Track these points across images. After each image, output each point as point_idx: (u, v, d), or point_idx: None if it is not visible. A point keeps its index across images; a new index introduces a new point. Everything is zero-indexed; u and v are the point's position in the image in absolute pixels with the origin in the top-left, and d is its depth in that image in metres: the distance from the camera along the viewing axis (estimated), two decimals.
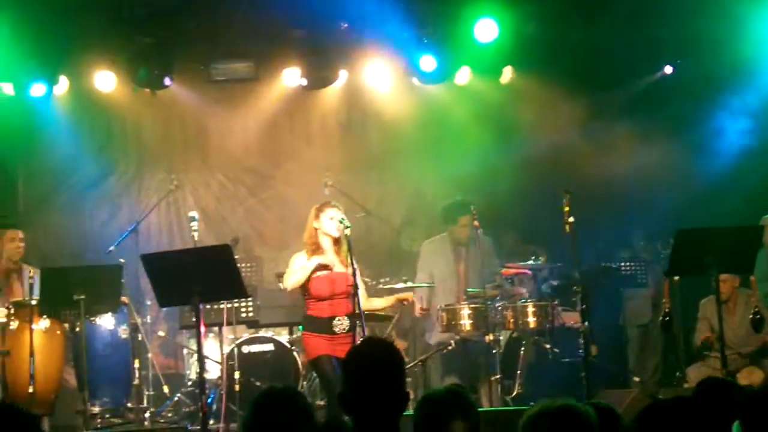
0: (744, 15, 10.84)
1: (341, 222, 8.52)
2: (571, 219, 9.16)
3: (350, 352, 4.42)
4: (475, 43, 11.16)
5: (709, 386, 4.81)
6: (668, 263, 8.83)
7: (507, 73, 11.78)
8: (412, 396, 5.27)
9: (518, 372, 10.07)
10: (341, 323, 8.51)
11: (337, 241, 8.68)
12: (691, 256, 8.47)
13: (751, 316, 9.06)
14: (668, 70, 12.00)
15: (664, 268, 9.45)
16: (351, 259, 8.38)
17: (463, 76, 11.85)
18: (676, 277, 9.87)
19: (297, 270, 8.59)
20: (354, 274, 8.35)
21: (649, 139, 11.86)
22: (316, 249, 8.64)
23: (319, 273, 8.55)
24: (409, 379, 9.80)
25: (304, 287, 8.59)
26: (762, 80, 11.56)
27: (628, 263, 11.61)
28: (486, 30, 11.05)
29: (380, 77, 12.01)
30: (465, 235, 10.28)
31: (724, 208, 10.87)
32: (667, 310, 9.40)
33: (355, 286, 8.31)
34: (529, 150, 12.01)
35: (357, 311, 8.28)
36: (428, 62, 11.42)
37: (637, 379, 11.39)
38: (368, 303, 8.87)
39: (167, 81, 11.40)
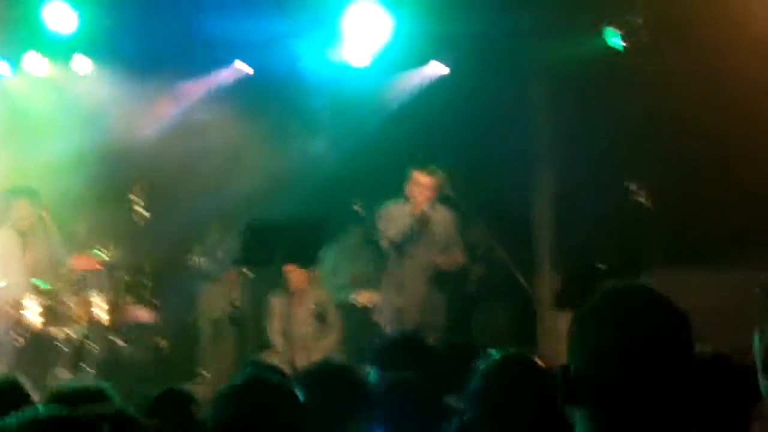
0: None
1: None
2: (142, 210, 9.31)
3: None
4: (44, 29, 10.27)
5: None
6: (237, 254, 8.97)
7: (80, 62, 11.22)
8: None
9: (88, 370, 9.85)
10: None
11: None
12: (260, 247, 8.69)
13: (314, 307, 9.32)
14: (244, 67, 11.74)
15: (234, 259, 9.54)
16: None
17: (33, 62, 11.11)
18: (245, 269, 9.89)
19: None
20: None
21: (233, 128, 11.74)
22: None
23: None
24: None
25: None
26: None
27: (201, 257, 11.50)
28: (59, 16, 10.17)
29: None
30: (28, 223, 9.99)
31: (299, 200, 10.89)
32: (236, 304, 9.46)
33: None
34: (105, 140, 11.40)
35: None
36: None
37: (205, 373, 11.26)
38: None
39: None
